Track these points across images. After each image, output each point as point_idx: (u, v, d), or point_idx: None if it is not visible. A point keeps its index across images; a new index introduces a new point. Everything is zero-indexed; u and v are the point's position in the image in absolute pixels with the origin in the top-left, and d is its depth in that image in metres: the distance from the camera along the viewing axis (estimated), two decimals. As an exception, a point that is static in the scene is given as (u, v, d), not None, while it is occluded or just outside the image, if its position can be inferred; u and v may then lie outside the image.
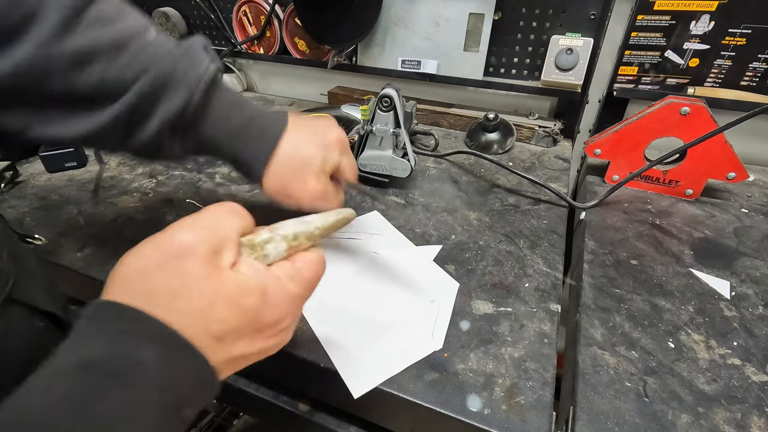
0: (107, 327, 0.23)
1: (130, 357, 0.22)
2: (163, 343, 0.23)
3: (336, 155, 0.43)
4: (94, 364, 0.21)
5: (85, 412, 0.20)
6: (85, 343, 0.22)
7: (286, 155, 0.41)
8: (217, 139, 0.39)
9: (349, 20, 0.82)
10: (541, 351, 0.40)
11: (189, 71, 0.36)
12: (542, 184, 0.62)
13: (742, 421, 0.34)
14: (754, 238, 0.55)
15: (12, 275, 0.32)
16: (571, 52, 0.73)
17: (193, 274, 0.24)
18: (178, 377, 0.23)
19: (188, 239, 0.25)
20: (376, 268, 0.49)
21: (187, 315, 0.23)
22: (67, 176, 0.69)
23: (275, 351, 0.29)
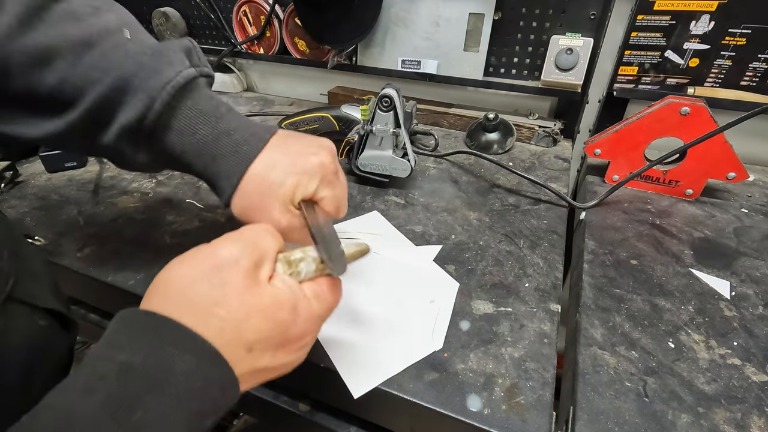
0: (144, 334, 0.23)
1: (167, 366, 0.22)
2: (197, 354, 0.23)
3: (312, 184, 0.35)
4: (131, 370, 0.22)
5: (125, 417, 0.21)
6: (125, 349, 0.23)
7: (257, 177, 0.35)
8: (183, 152, 0.35)
9: (349, 20, 0.82)
10: (541, 351, 0.40)
11: (153, 76, 0.32)
12: (542, 184, 0.62)
13: (742, 421, 0.34)
14: (754, 238, 0.55)
15: (12, 274, 0.32)
16: (571, 52, 0.73)
17: (234, 285, 0.25)
18: (204, 385, 0.23)
19: (232, 252, 0.26)
20: (376, 267, 0.49)
21: (224, 324, 0.25)
22: (67, 176, 0.69)
23: (291, 369, 0.30)
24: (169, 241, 0.53)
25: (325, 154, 0.36)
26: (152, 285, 0.26)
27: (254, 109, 0.98)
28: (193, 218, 0.57)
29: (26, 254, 0.37)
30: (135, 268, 0.49)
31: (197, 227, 0.56)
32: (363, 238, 0.54)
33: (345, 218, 0.57)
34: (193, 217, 0.58)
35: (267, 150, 0.35)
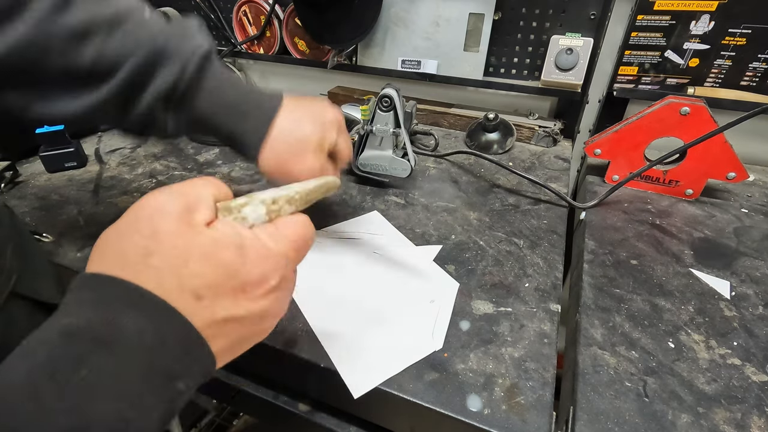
0: (87, 296, 0.22)
1: (111, 323, 0.21)
2: (143, 307, 0.22)
3: (333, 134, 0.43)
4: (75, 331, 0.21)
5: (69, 377, 0.19)
6: (66, 313, 0.22)
7: (284, 132, 0.41)
8: (211, 113, 0.39)
9: (349, 20, 0.82)
10: (541, 351, 0.40)
11: (182, 45, 0.37)
12: (542, 184, 0.62)
13: (742, 421, 0.34)
14: (754, 238, 0.55)
15: (15, 270, 0.32)
16: (571, 52, 0.73)
17: (165, 230, 0.23)
18: (160, 340, 0.22)
19: (159, 200, 0.24)
20: (376, 268, 0.49)
21: (161, 272, 0.23)
22: (67, 176, 0.69)
23: (272, 319, 0.27)
24: (169, 241, 0.53)
25: (334, 109, 0.45)
26: (91, 253, 0.25)
27: (254, 109, 0.97)
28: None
29: (31, 250, 0.37)
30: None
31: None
32: (363, 238, 0.54)
33: (345, 218, 0.57)
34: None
35: (285, 108, 0.41)
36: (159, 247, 0.23)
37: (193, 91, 0.38)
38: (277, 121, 0.41)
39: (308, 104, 0.43)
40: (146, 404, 0.21)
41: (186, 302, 0.23)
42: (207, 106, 0.39)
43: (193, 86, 0.37)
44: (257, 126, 0.40)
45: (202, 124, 0.40)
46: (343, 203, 0.62)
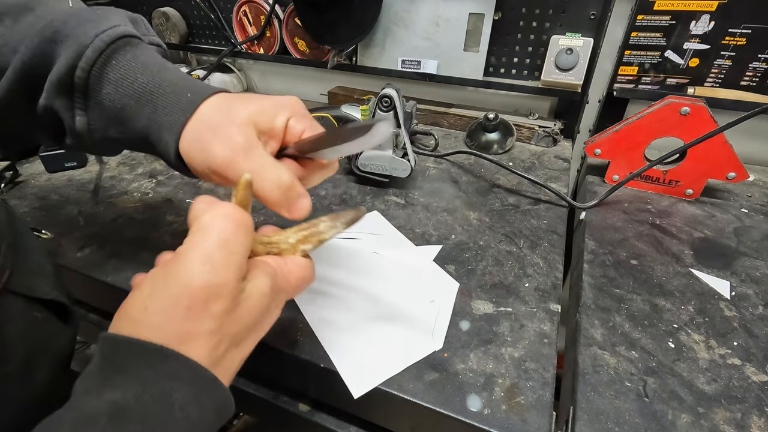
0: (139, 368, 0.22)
1: (165, 401, 0.21)
2: (195, 384, 0.23)
3: (281, 116, 0.31)
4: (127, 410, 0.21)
5: None
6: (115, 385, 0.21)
7: (207, 115, 0.31)
8: (122, 104, 0.31)
9: (349, 20, 0.82)
10: (541, 351, 0.39)
11: (85, 26, 0.30)
12: (542, 184, 0.62)
13: (742, 421, 0.34)
14: (754, 238, 0.55)
15: (8, 267, 0.32)
16: (571, 52, 0.73)
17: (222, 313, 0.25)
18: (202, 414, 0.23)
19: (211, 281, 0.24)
20: (376, 268, 0.49)
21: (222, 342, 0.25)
22: (67, 176, 0.69)
23: None
24: (169, 242, 0.53)
25: (290, 97, 0.33)
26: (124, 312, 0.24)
27: (254, 109, 0.97)
28: (193, 218, 0.57)
29: (27, 247, 0.37)
30: (135, 268, 0.49)
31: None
32: (363, 238, 0.54)
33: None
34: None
35: (217, 98, 0.31)
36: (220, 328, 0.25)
37: (97, 81, 0.31)
38: (202, 107, 0.31)
39: (253, 95, 0.33)
40: None
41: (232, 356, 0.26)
42: (115, 97, 0.31)
43: (94, 75, 0.30)
44: (175, 116, 0.31)
45: (113, 120, 0.32)
46: (343, 203, 0.62)
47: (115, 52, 0.31)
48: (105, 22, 0.31)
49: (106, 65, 0.31)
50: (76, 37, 0.30)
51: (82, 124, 0.32)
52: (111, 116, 0.32)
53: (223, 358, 0.25)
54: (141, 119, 0.31)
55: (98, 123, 0.33)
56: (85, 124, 0.32)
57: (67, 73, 0.30)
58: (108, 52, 0.30)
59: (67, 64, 0.30)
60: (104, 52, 0.30)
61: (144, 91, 0.31)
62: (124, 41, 0.31)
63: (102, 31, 0.30)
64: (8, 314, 0.32)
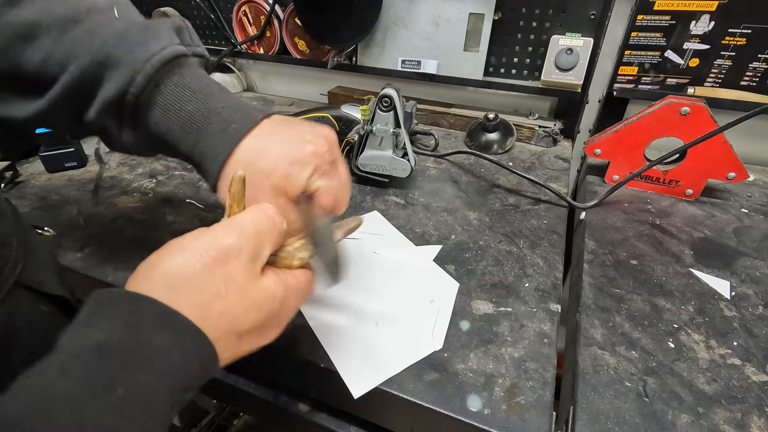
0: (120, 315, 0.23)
1: (146, 343, 0.22)
2: (176, 330, 0.23)
3: (304, 174, 0.32)
4: (111, 348, 0.21)
5: (104, 395, 0.20)
6: (102, 329, 0.22)
7: (244, 160, 0.32)
8: (168, 129, 0.33)
9: (349, 20, 0.82)
10: (541, 351, 0.39)
11: (135, 50, 0.31)
12: (542, 184, 0.62)
13: (742, 421, 0.34)
14: (754, 238, 0.55)
15: (20, 261, 0.33)
16: (571, 52, 0.73)
17: (236, 279, 0.26)
18: (186, 363, 0.23)
19: (234, 244, 0.26)
20: (376, 267, 0.49)
21: (224, 316, 0.25)
22: (67, 176, 0.69)
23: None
24: (169, 241, 0.53)
25: (321, 142, 0.33)
26: (145, 267, 0.26)
27: (254, 109, 0.97)
28: (193, 218, 0.57)
29: (34, 243, 0.37)
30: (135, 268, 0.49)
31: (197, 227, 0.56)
32: (363, 238, 0.53)
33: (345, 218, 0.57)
34: (193, 217, 0.58)
35: (257, 132, 0.33)
36: (227, 294, 0.25)
37: (147, 103, 0.32)
38: (243, 144, 0.32)
39: (292, 129, 0.34)
40: (167, 418, 0.23)
41: (229, 341, 0.26)
42: (162, 122, 0.33)
43: (146, 98, 0.32)
44: (217, 151, 0.32)
45: (161, 141, 0.34)
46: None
47: (164, 77, 0.32)
48: (154, 44, 0.32)
49: (155, 91, 0.32)
50: (127, 62, 0.31)
51: (129, 140, 0.34)
52: (156, 138, 0.33)
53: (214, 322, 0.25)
54: (185, 145, 0.33)
55: (144, 141, 0.34)
56: (131, 139, 0.34)
57: (118, 97, 0.31)
58: (157, 77, 0.32)
59: (117, 88, 0.31)
60: (153, 78, 0.31)
61: (190, 119, 0.32)
62: (172, 63, 0.32)
63: (152, 55, 0.31)
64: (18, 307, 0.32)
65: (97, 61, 0.31)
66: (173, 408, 0.23)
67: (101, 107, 0.32)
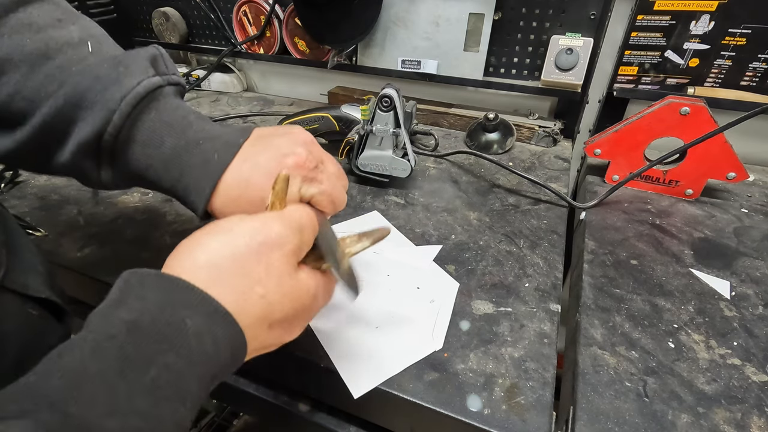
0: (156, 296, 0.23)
1: (179, 326, 0.22)
2: (209, 316, 0.23)
3: (293, 190, 0.32)
4: (143, 329, 0.22)
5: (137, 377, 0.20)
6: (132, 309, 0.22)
7: (234, 189, 0.32)
8: (148, 166, 0.32)
9: (349, 20, 0.82)
10: (541, 351, 0.39)
11: (110, 87, 0.30)
12: (542, 184, 0.62)
13: (742, 421, 0.34)
14: (754, 238, 0.55)
15: (3, 264, 0.32)
16: (571, 52, 0.73)
17: (277, 267, 0.26)
18: (217, 350, 0.24)
19: (281, 234, 0.27)
20: (376, 268, 0.49)
21: (261, 302, 0.25)
22: (67, 176, 0.69)
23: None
24: (169, 241, 0.53)
25: (299, 151, 0.33)
26: (189, 245, 0.26)
27: (254, 109, 0.97)
28: (193, 218, 0.57)
29: (20, 245, 0.37)
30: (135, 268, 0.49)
31: (197, 227, 0.56)
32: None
33: (345, 218, 0.57)
34: (193, 217, 0.58)
35: (239, 160, 0.32)
36: (268, 281, 0.26)
37: (124, 143, 0.31)
38: (228, 172, 0.32)
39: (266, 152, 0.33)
40: (195, 405, 0.23)
41: (260, 329, 0.26)
42: (142, 159, 0.32)
43: (122, 138, 0.31)
44: (200, 185, 0.32)
45: (139, 178, 0.33)
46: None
47: (140, 114, 0.31)
48: (128, 81, 0.31)
49: (133, 128, 0.31)
50: (103, 102, 0.30)
51: (107, 178, 0.33)
52: (136, 174, 0.33)
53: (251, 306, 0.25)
54: (167, 181, 0.33)
55: (124, 178, 0.34)
56: (110, 178, 0.33)
57: (94, 138, 0.31)
58: (134, 114, 0.31)
59: (94, 129, 0.30)
60: (130, 116, 0.31)
61: (171, 155, 0.32)
62: (148, 98, 0.32)
63: (127, 92, 0.30)
64: (4, 311, 0.32)
65: (69, 101, 0.30)
66: (201, 394, 0.23)
67: (76, 149, 0.31)
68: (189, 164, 0.32)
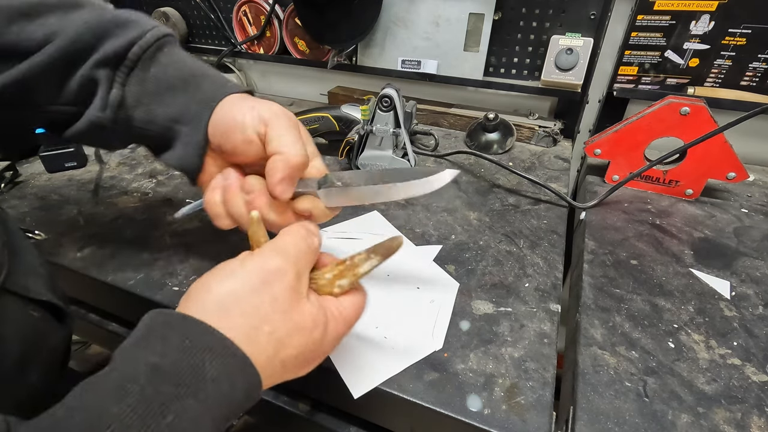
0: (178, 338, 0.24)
1: (199, 370, 0.23)
2: (228, 359, 0.24)
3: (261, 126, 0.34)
4: (164, 373, 0.22)
5: (156, 420, 0.21)
6: (155, 351, 0.23)
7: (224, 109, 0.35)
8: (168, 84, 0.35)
9: (349, 20, 0.82)
10: (541, 351, 0.40)
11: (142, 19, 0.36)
12: (542, 184, 0.62)
13: (742, 421, 0.34)
14: (754, 238, 0.55)
15: (5, 266, 0.32)
16: (571, 52, 0.73)
17: (280, 300, 0.26)
18: (233, 392, 0.24)
19: (279, 266, 0.27)
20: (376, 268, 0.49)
21: (270, 339, 0.26)
22: (67, 176, 0.69)
23: None
24: (169, 241, 0.53)
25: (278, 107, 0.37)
26: (197, 289, 0.27)
27: (254, 109, 0.97)
28: (193, 218, 0.57)
29: (21, 248, 0.37)
30: (135, 268, 0.49)
31: (197, 227, 0.56)
32: (363, 238, 0.54)
33: (345, 218, 0.57)
34: (193, 217, 0.58)
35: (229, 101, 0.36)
36: (273, 316, 0.26)
37: (148, 60, 0.35)
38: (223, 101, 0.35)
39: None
40: None
41: (272, 368, 0.26)
42: (163, 78, 0.35)
43: (148, 56, 0.35)
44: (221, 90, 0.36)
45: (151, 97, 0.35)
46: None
47: (167, 43, 0.36)
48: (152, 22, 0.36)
49: (159, 51, 0.36)
50: (137, 23, 0.35)
51: (116, 97, 0.35)
52: (151, 93, 0.35)
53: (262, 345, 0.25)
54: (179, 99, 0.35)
55: (131, 100, 0.35)
56: (118, 97, 0.35)
57: (123, 48, 0.34)
58: (163, 40, 0.36)
59: (126, 40, 0.34)
60: (160, 39, 0.36)
61: (193, 73, 0.36)
62: (172, 37, 0.37)
63: (155, 26, 0.36)
64: (6, 313, 0.32)
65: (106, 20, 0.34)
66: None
67: (100, 58, 0.34)
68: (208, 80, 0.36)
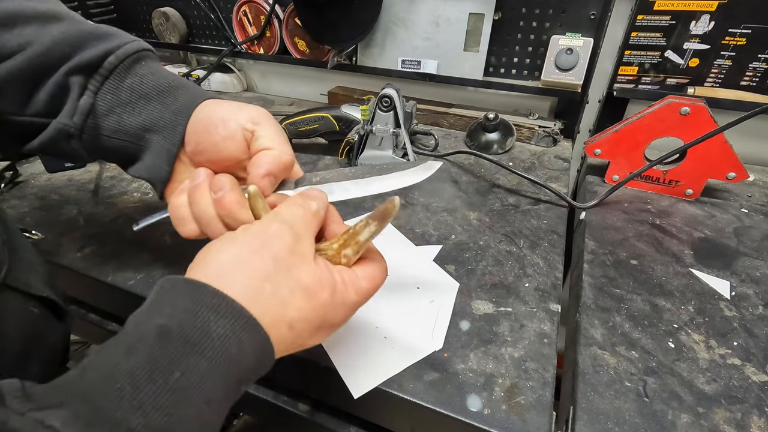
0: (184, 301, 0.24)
1: (204, 330, 0.23)
2: (233, 319, 0.24)
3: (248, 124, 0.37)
4: (171, 333, 0.23)
5: (163, 377, 0.21)
6: (163, 314, 0.24)
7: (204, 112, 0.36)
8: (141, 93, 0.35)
9: (349, 20, 0.83)
10: (541, 351, 0.40)
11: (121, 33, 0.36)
12: (542, 184, 0.62)
13: (742, 421, 0.34)
14: (754, 238, 0.55)
15: (6, 262, 0.33)
16: (571, 52, 0.73)
17: (281, 258, 0.27)
18: (242, 353, 0.24)
19: (277, 229, 0.28)
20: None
21: (272, 297, 0.26)
22: (67, 176, 0.69)
23: None
24: (169, 241, 0.53)
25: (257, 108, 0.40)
26: (198, 261, 0.27)
27: (254, 109, 0.98)
28: (193, 218, 0.57)
29: (20, 245, 0.37)
30: (135, 268, 0.49)
31: (197, 227, 0.56)
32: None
33: (345, 218, 0.57)
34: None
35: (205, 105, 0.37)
36: (275, 273, 0.26)
37: (124, 70, 0.35)
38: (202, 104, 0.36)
39: None
40: (221, 407, 0.24)
41: (279, 330, 0.26)
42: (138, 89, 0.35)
43: (125, 66, 0.35)
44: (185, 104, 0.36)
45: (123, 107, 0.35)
46: (343, 203, 0.62)
47: (146, 57, 0.37)
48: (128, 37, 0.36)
49: (137, 63, 0.36)
50: (116, 35, 0.35)
51: (86, 104, 0.34)
52: (124, 103, 0.35)
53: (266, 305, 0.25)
54: (153, 108, 0.35)
55: (102, 108, 0.35)
56: (88, 105, 0.34)
57: (99, 57, 0.34)
58: (142, 53, 0.36)
59: (103, 49, 0.34)
60: (139, 52, 0.36)
61: (170, 84, 0.36)
62: (151, 52, 0.38)
63: (135, 40, 0.36)
64: (6, 309, 0.32)
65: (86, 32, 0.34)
66: (228, 398, 0.24)
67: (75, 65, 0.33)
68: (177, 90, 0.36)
